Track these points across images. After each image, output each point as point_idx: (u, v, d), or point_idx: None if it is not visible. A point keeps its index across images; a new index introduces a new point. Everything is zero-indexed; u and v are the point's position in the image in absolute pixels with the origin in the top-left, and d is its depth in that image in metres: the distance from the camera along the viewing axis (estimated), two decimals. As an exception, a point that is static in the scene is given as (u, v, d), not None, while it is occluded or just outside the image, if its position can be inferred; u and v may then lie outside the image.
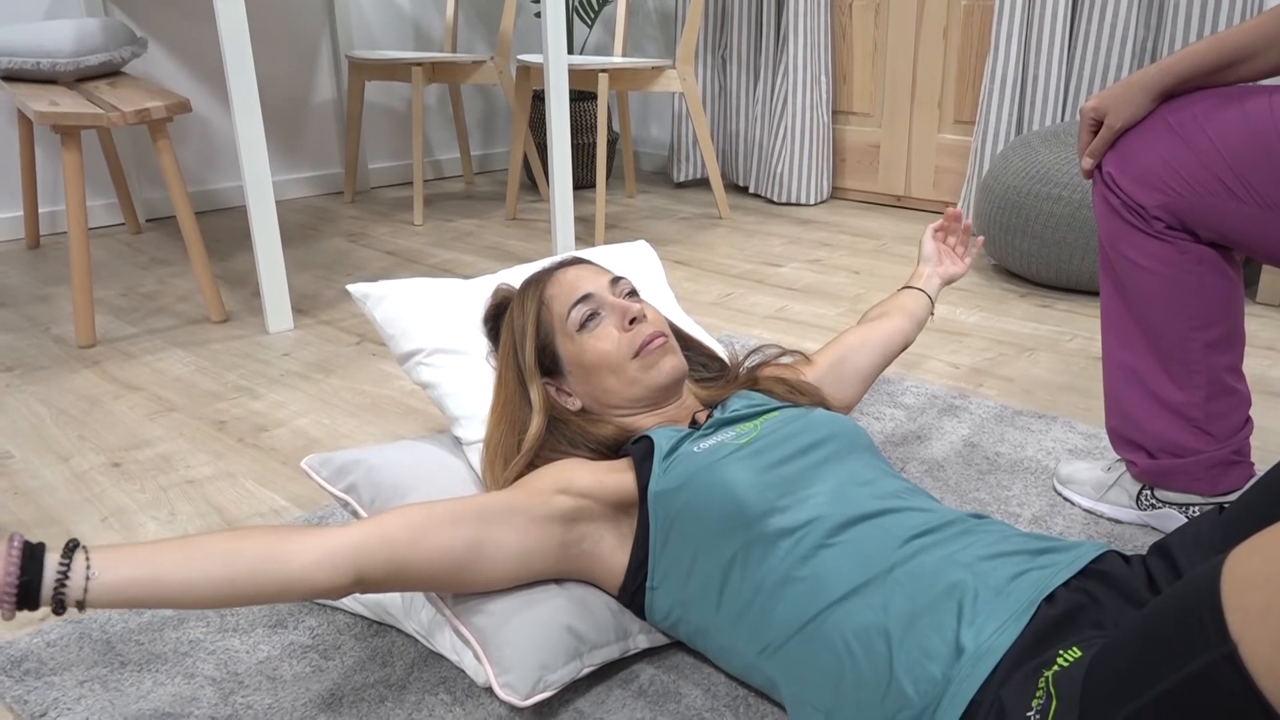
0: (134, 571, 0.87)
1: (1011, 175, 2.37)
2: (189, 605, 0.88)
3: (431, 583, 0.98)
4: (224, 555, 0.89)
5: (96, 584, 0.85)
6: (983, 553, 0.91)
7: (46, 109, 2.11)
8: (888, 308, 1.49)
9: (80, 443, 1.71)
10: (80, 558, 0.86)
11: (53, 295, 2.52)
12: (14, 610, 0.84)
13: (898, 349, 1.45)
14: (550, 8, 2.47)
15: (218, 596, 0.89)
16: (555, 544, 1.03)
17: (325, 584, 0.92)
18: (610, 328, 1.16)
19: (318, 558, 0.91)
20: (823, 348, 1.41)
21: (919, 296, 1.51)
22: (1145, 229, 1.20)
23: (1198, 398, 1.24)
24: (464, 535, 0.98)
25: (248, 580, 0.89)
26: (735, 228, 3.13)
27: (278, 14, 3.46)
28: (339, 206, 3.51)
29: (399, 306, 1.37)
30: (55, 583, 0.84)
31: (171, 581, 0.87)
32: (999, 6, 2.77)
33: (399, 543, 0.95)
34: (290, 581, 0.90)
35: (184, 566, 0.88)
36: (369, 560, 0.93)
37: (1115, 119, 1.19)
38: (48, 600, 0.85)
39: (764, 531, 0.96)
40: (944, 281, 1.54)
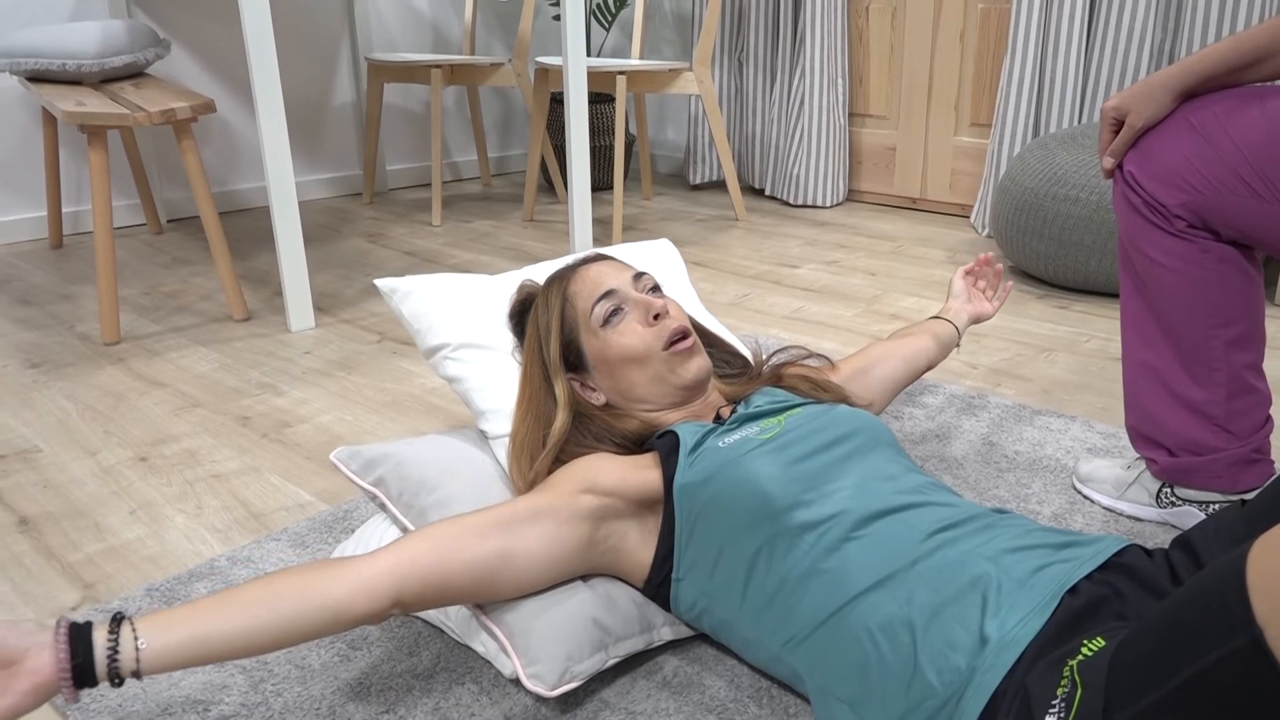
0: (181, 635, 0.88)
1: (1029, 177, 2.37)
2: (239, 655, 0.90)
3: (466, 595, 1.00)
4: (264, 601, 0.90)
5: (148, 653, 0.87)
6: (1006, 546, 0.92)
7: (74, 109, 2.13)
8: (915, 330, 1.51)
9: (107, 438, 1.73)
10: (127, 630, 0.87)
11: (77, 294, 2.55)
12: (75, 693, 0.86)
13: (923, 367, 1.47)
14: (569, 10, 2.49)
15: (268, 641, 0.90)
16: (582, 544, 1.04)
17: (365, 612, 0.93)
18: (634, 323, 1.17)
19: (354, 589, 0.93)
20: (849, 357, 1.43)
21: (946, 325, 1.53)
22: (1166, 227, 1.21)
23: (1218, 396, 1.25)
24: (492, 546, 1.00)
25: (292, 621, 0.90)
26: (751, 229, 3.14)
27: (298, 17, 3.49)
28: (358, 207, 3.53)
29: (426, 301, 1.39)
30: (107, 659, 0.86)
31: (219, 637, 0.88)
32: (1016, 9, 2.78)
33: (430, 563, 0.97)
34: (333, 616, 0.92)
35: (228, 620, 0.89)
36: (404, 583, 0.95)
37: (1137, 118, 1.20)
38: (104, 676, 0.86)
39: (789, 525, 0.97)
40: (972, 320, 1.57)
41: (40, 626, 0.87)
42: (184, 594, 1.26)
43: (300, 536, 1.39)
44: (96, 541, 1.41)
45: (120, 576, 1.32)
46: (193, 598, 1.25)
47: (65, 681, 0.85)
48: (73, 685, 0.85)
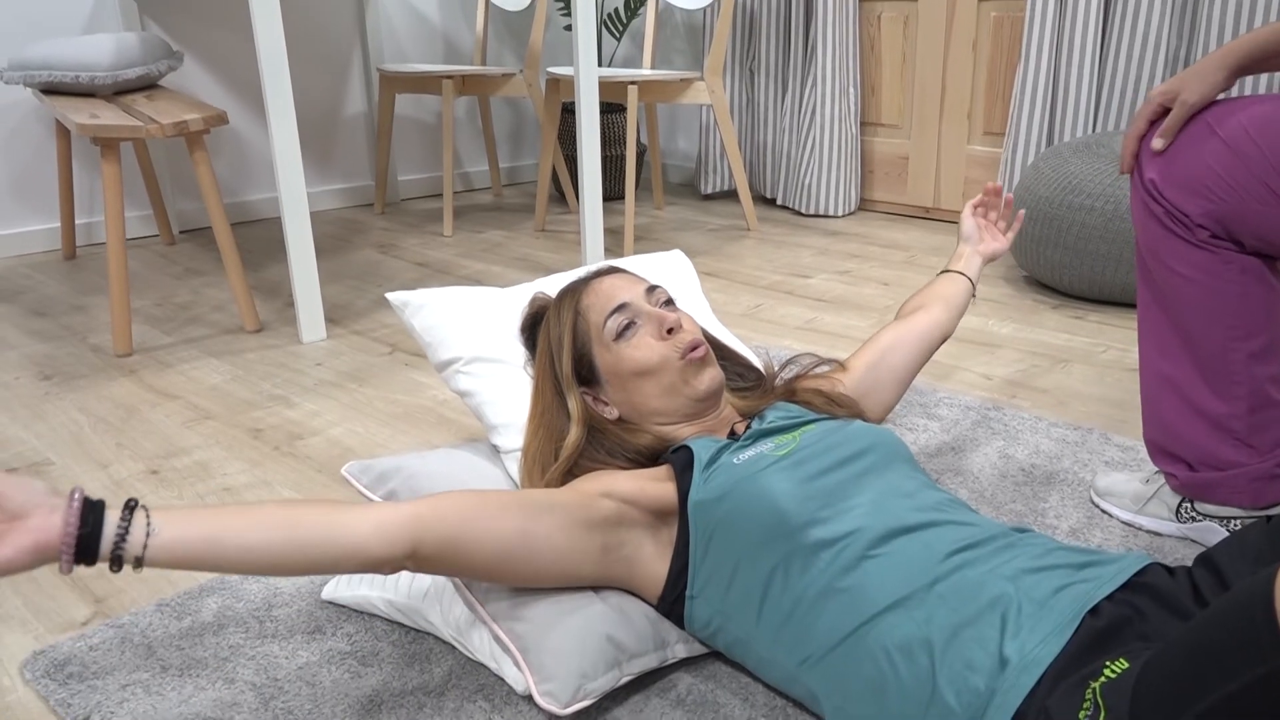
0: (194, 532, 0.87)
1: (1043, 186, 2.36)
2: (244, 569, 0.88)
3: (479, 567, 0.98)
4: (284, 522, 0.90)
5: (156, 541, 0.86)
6: (1025, 566, 0.91)
7: (87, 121, 2.14)
8: (925, 298, 1.45)
9: (119, 450, 1.73)
10: (141, 516, 0.86)
11: (89, 305, 2.56)
12: (72, 564, 0.84)
13: (936, 343, 1.41)
14: (581, 21, 2.49)
15: (274, 562, 0.89)
16: (597, 546, 1.03)
17: (381, 555, 0.92)
18: (647, 337, 1.16)
19: (375, 528, 0.92)
20: (858, 350, 1.40)
21: (958, 281, 1.47)
22: (1188, 238, 1.19)
23: (1240, 409, 1.23)
24: (513, 524, 0.98)
25: (306, 547, 0.90)
26: (763, 239, 3.13)
27: (310, 28, 3.50)
28: (369, 218, 3.53)
29: (437, 315, 1.38)
30: (115, 538, 0.85)
31: (231, 544, 0.87)
32: (1029, 17, 2.77)
33: (453, 521, 0.96)
34: (348, 550, 0.91)
35: (245, 530, 0.88)
36: (424, 535, 0.94)
37: (1191, 94, 1.16)
38: (106, 556, 0.85)
39: (805, 542, 0.96)
40: (986, 259, 1.51)
41: (53, 491, 0.86)
42: (195, 609, 1.26)
43: (311, 551, 1.38)
44: (107, 555, 1.40)
45: (131, 591, 1.32)
46: (198, 611, 1.25)
47: (67, 549, 0.83)
48: (73, 555, 0.84)
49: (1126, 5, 2.61)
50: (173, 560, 0.86)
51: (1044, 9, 2.73)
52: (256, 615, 1.24)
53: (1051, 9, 2.72)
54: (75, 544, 0.83)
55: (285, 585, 1.30)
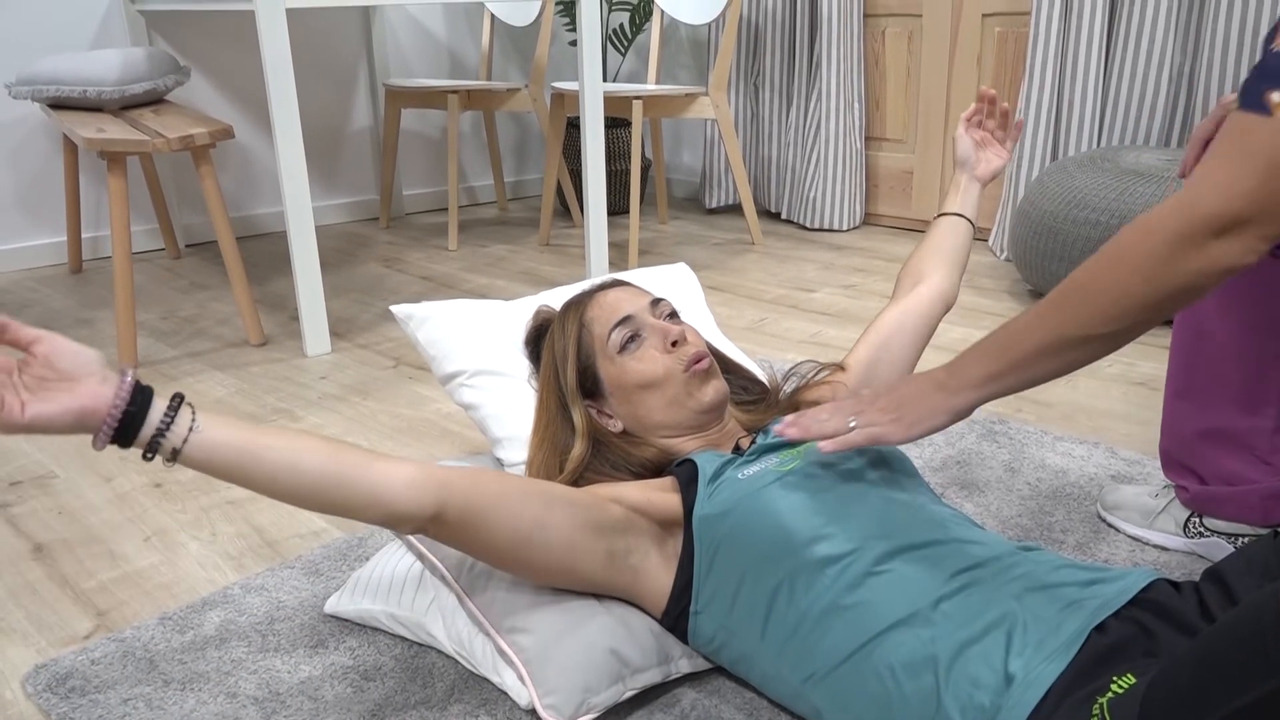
0: (236, 439, 0.87)
1: (1048, 201, 2.36)
2: (272, 489, 0.88)
3: (493, 547, 0.97)
4: (323, 453, 0.89)
5: (198, 438, 0.86)
6: (1031, 583, 0.90)
7: (94, 135, 2.15)
8: (924, 261, 1.38)
9: (123, 463, 1.73)
10: (187, 411, 0.87)
11: (95, 319, 2.56)
12: (109, 439, 0.84)
13: (939, 316, 1.35)
14: (585, 36, 2.49)
15: (303, 490, 0.88)
16: (603, 551, 1.02)
17: (408, 508, 0.92)
18: (651, 350, 1.16)
19: (408, 482, 0.92)
20: (856, 344, 1.34)
21: (957, 228, 1.38)
22: None
23: (1266, 425, 1.21)
24: (533, 511, 0.98)
25: (339, 482, 0.89)
26: (768, 253, 3.13)
27: (317, 43, 3.51)
28: (374, 232, 3.54)
29: (441, 328, 1.38)
30: (160, 425, 0.85)
31: (268, 460, 0.87)
32: (1033, 33, 2.77)
33: (481, 495, 0.95)
34: (376, 496, 0.90)
35: (284, 451, 0.88)
36: (452, 500, 0.94)
37: None
38: (144, 441, 0.84)
39: (810, 559, 0.95)
40: (985, 182, 1.42)
41: (107, 363, 0.86)
42: (197, 623, 1.25)
43: (314, 564, 1.38)
44: (110, 569, 1.40)
45: (134, 604, 1.31)
46: (201, 625, 1.24)
47: (110, 425, 0.83)
48: (113, 431, 0.84)
49: (1130, 21, 2.61)
50: (208, 461, 0.86)
51: (1048, 24, 2.74)
52: (259, 629, 1.24)
53: (1056, 24, 2.73)
54: (119, 419, 0.83)
55: (288, 599, 1.29)
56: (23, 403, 0.81)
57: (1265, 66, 0.78)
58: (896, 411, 0.97)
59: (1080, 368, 0.89)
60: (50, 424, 0.82)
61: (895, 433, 0.97)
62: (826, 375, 1.30)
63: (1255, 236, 0.77)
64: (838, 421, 0.99)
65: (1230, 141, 0.78)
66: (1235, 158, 0.77)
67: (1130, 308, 0.83)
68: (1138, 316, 0.84)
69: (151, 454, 0.85)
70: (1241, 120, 0.78)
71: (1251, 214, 0.77)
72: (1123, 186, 2.25)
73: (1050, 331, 0.89)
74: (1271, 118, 0.76)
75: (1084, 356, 0.88)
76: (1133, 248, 0.82)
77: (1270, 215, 0.76)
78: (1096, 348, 0.87)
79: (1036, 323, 0.90)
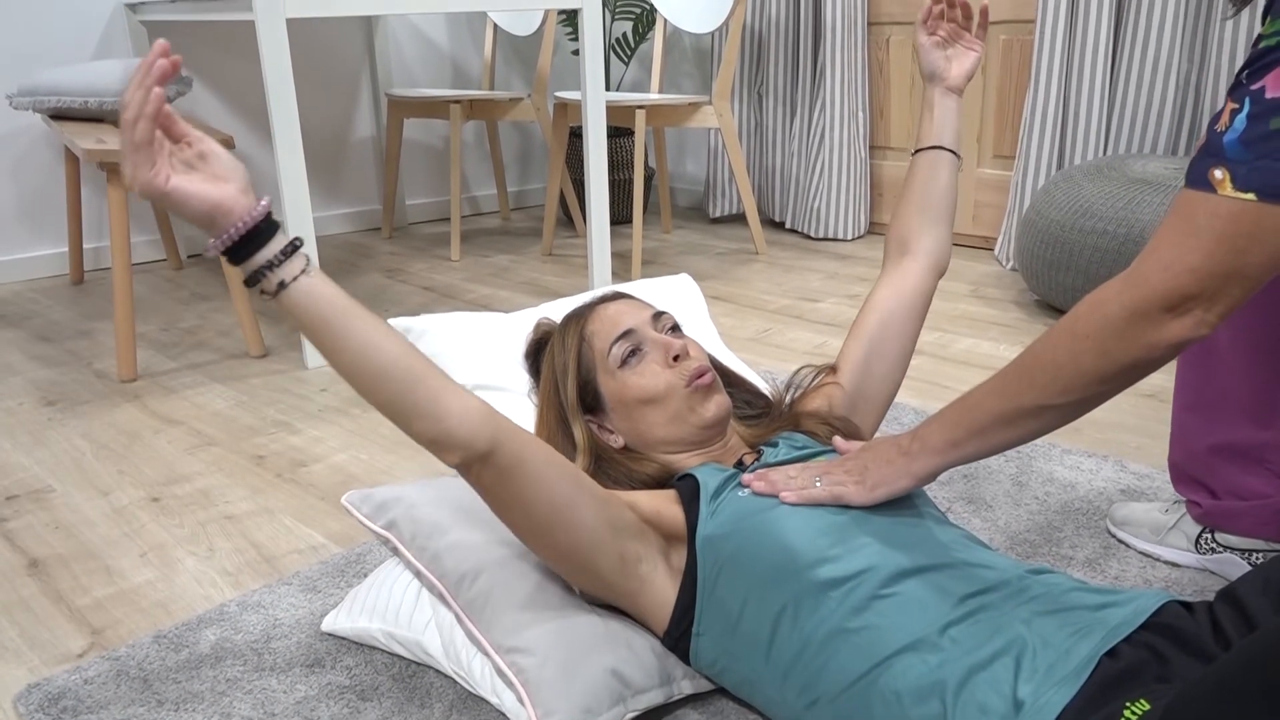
0: (338, 299, 0.87)
1: (1054, 210, 2.34)
2: (351, 359, 0.87)
3: (526, 507, 0.95)
4: (407, 347, 0.90)
5: (306, 281, 0.86)
6: (1040, 608, 0.88)
7: (94, 146, 2.14)
8: (908, 225, 1.27)
9: (120, 477, 1.72)
10: (303, 255, 0.88)
11: (95, 330, 2.55)
12: (226, 246, 0.85)
13: (931, 288, 1.26)
14: (588, 46, 2.48)
15: (377, 372, 0.88)
16: (618, 552, 1.00)
17: (464, 434, 0.90)
18: (653, 364, 1.14)
19: (474, 408, 0.91)
20: (848, 339, 1.26)
21: (936, 165, 1.26)
22: None
23: (1278, 440, 1.19)
24: (569, 488, 0.96)
25: (411, 378, 0.88)
26: (772, 263, 3.11)
27: (320, 53, 3.51)
28: (377, 242, 3.53)
29: (440, 341, 1.36)
30: (279, 253, 0.86)
31: (358, 329, 0.87)
32: (1038, 41, 2.75)
33: (532, 452, 0.94)
34: (441, 408, 0.89)
35: (375, 328, 0.88)
36: (507, 444, 0.92)
37: None
38: (259, 262, 0.85)
39: (815, 581, 0.93)
40: (961, 87, 1.27)
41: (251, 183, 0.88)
42: (192, 641, 1.23)
43: (312, 580, 1.36)
44: (106, 585, 1.38)
45: (129, 622, 1.30)
46: (196, 643, 1.22)
47: (237, 230, 0.85)
48: (237, 239, 0.85)
49: (1136, 28, 2.60)
50: (305, 308, 0.86)
51: (1053, 33, 2.72)
52: (254, 647, 1.22)
53: (1061, 32, 2.71)
54: (247, 230, 0.85)
55: (284, 617, 1.28)
56: (168, 174, 0.83)
57: (1209, 145, 0.79)
58: (860, 474, 1.00)
59: (1038, 437, 0.92)
60: (185, 201, 0.84)
61: (858, 495, 0.99)
62: (822, 379, 1.27)
63: (1205, 311, 0.79)
64: (803, 480, 1.02)
65: (1177, 219, 0.80)
66: (1182, 235, 0.79)
67: (1085, 380, 0.85)
68: (1093, 389, 0.85)
69: (256, 281, 0.86)
70: (1187, 198, 0.80)
71: (1200, 290, 0.78)
72: (1130, 195, 2.23)
73: (1008, 401, 0.91)
74: (1215, 195, 0.78)
75: (1040, 426, 0.90)
76: (1087, 321, 0.84)
77: (1218, 292, 0.78)
78: (1052, 418, 0.89)
79: (995, 392, 0.92)
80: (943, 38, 1.28)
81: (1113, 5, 2.63)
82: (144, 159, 0.82)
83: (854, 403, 1.24)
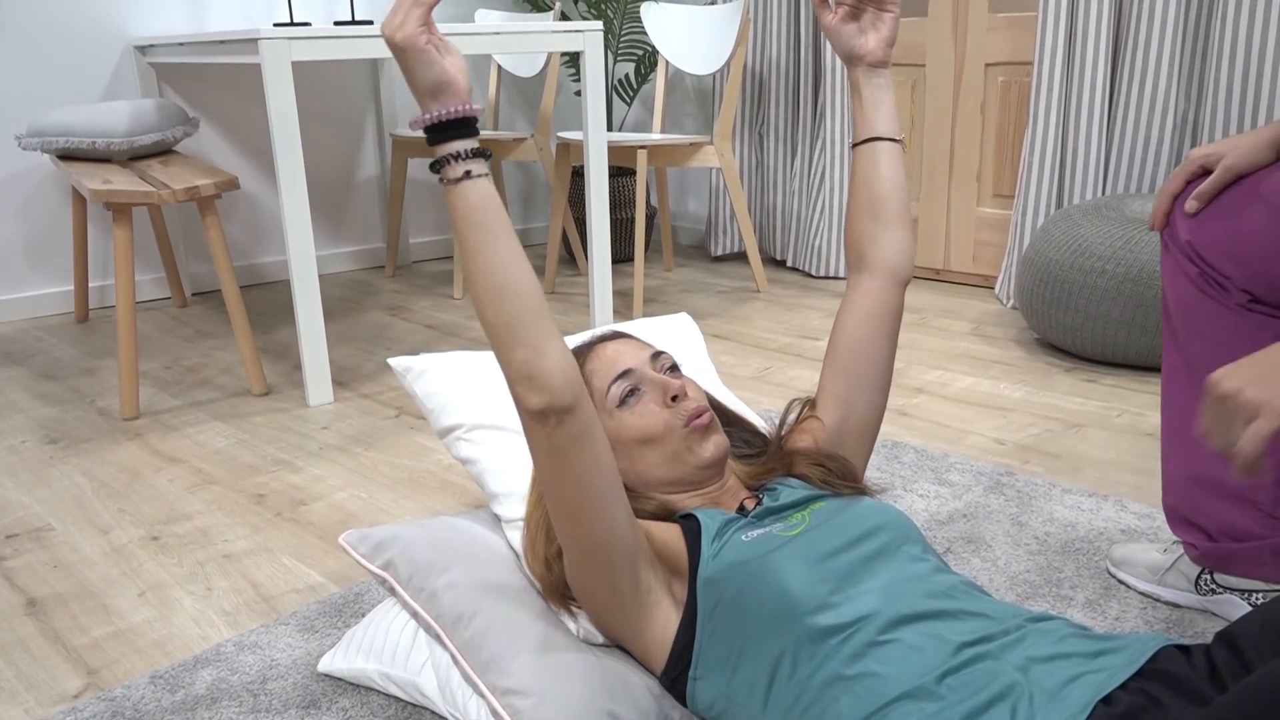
0: (502, 212, 0.93)
1: (1053, 249, 2.35)
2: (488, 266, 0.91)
3: (578, 483, 0.95)
4: (538, 282, 0.93)
5: (484, 182, 0.92)
6: (1037, 655, 0.87)
7: (100, 187, 2.16)
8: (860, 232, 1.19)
9: (120, 515, 1.72)
10: (485, 162, 0.93)
11: (99, 368, 2.56)
12: (438, 120, 0.91)
13: (896, 301, 1.19)
14: (590, 86, 2.51)
15: (504, 288, 0.91)
16: (634, 576, 1.00)
17: (557, 381, 0.91)
18: (651, 404, 1.14)
19: (571, 361, 0.93)
20: (823, 373, 1.22)
21: (875, 159, 1.17)
22: (1223, 301, 1.16)
23: (1267, 480, 1.20)
24: (616, 478, 0.97)
25: (532, 309, 0.91)
26: (773, 301, 3.13)
27: (326, 94, 3.55)
28: (380, 280, 3.55)
29: (440, 381, 1.37)
30: (473, 148, 0.92)
31: (507, 245, 0.92)
32: (1036, 82, 2.78)
33: (599, 427, 0.95)
34: (546, 349, 0.91)
35: (519, 253, 0.93)
36: (586, 407, 0.93)
37: (1235, 160, 1.13)
38: (451, 150, 0.91)
39: (814, 627, 0.93)
40: (884, 58, 1.17)
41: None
42: (188, 681, 1.23)
43: (310, 621, 1.36)
44: (103, 625, 1.38)
45: (125, 662, 1.29)
46: (192, 684, 1.22)
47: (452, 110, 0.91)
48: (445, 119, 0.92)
49: (1133, 69, 2.62)
50: (475, 204, 0.91)
51: (1050, 73, 2.75)
52: (250, 688, 1.21)
53: (1059, 73, 2.74)
54: (462, 115, 0.92)
55: (281, 657, 1.27)
56: (429, 36, 0.90)
57: None
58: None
59: None
60: (430, 65, 0.90)
61: None
62: (804, 415, 1.25)
63: None
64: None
65: None
66: None
67: None
68: None
69: (442, 165, 0.91)
70: None
71: None
72: (1128, 235, 2.24)
73: None
74: None
75: None
76: None
77: None
78: None
79: None
80: (849, 8, 1.17)
81: (1109, 46, 2.66)
82: (419, 15, 0.89)
83: (840, 436, 1.23)
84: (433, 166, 0.92)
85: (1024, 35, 2.95)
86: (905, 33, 3.22)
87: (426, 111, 0.92)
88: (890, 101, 1.17)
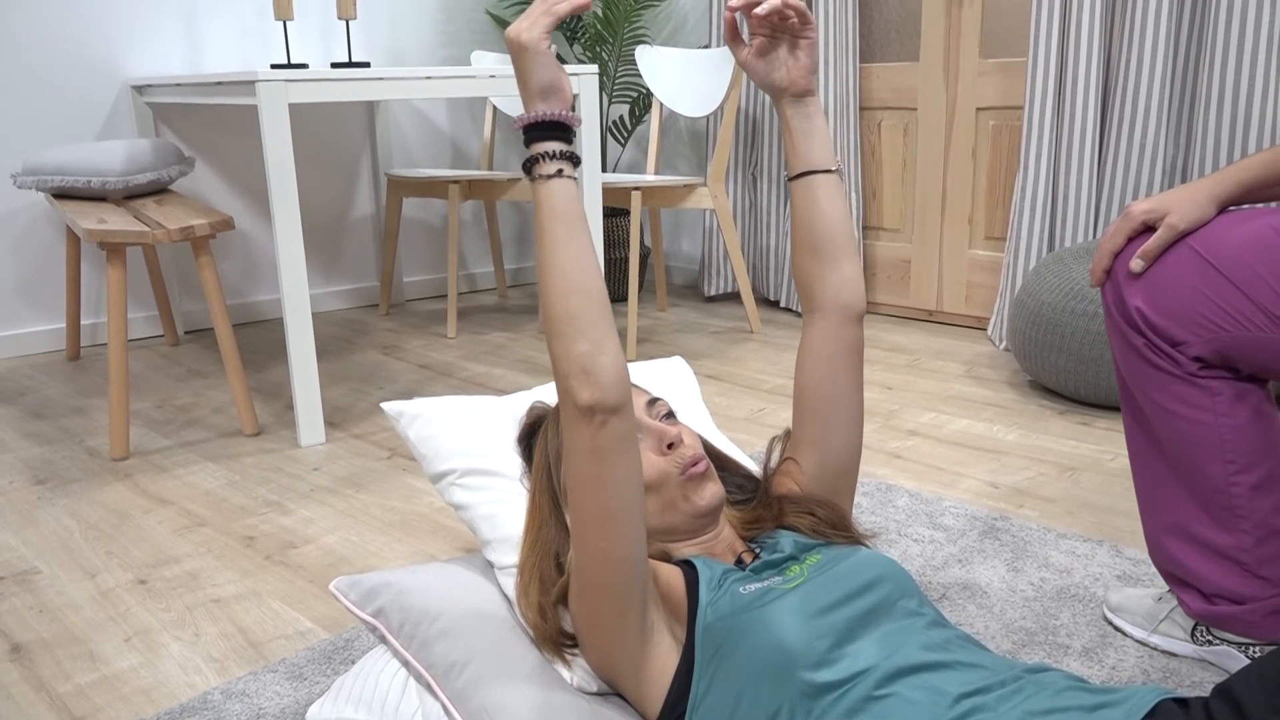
0: (583, 214, 0.97)
1: (1045, 292, 2.36)
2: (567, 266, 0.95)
3: (610, 491, 0.96)
4: (605, 286, 0.97)
5: (571, 183, 0.97)
6: (1035, 707, 0.87)
7: (95, 226, 2.16)
8: (808, 272, 1.18)
9: (108, 558, 1.70)
10: (574, 165, 0.98)
11: (89, 407, 2.55)
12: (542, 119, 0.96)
13: (853, 338, 1.18)
14: (585, 128, 2.53)
15: (575, 283, 0.95)
16: (643, 615, 1.00)
17: (610, 378, 0.94)
18: (647, 452, 1.14)
19: (625, 364, 0.96)
20: (795, 426, 1.22)
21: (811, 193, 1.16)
22: (1173, 371, 1.15)
23: (1247, 542, 1.18)
24: (641, 500, 0.99)
25: (600, 309, 0.95)
26: (767, 342, 3.13)
27: (322, 135, 3.56)
28: (374, 319, 3.55)
29: (432, 426, 1.36)
30: (569, 150, 0.97)
31: (585, 244, 0.96)
32: (1027, 126, 2.81)
33: (637, 441, 0.99)
34: (607, 343, 0.95)
35: (593, 254, 0.97)
36: (631, 414, 0.96)
37: (1180, 219, 1.11)
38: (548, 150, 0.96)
39: (812, 683, 0.92)
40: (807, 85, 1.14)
41: None
42: (174, 731, 1.21)
43: (298, 668, 1.34)
44: (89, 671, 1.36)
45: (110, 710, 1.27)
46: None
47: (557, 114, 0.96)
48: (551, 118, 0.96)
49: (1123, 113, 2.65)
50: (561, 201, 0.96)
51: (1041, 117, 2.78)
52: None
53: (1049, 117, 2.76)
54: (563, 118, 0.97)
55: (269, 705, 1.25)
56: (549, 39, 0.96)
57: None
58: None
59: None
60: (547, 65, 0.96)
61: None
62: (785, 457, 1.26)
63: None
64: None
65: None
66: None
67: None
68: None
69: (536, 163, 0.96)
70: None
71: None
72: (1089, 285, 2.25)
73: None
74: None
75: None
76: None
77: None
78: None
79: None
80: (764, 39, 1.14)
81: (1099, 91, 2.69)
82: (546, 24, 0.95)
83: (821, 478, 1.23)
84: (526, 163, 0.97)
85: (1014, 80, 2.99)
86: (897, 77, 3.26)
87: (532, 110, 0.97)
88: (822, 130, 1.15)
